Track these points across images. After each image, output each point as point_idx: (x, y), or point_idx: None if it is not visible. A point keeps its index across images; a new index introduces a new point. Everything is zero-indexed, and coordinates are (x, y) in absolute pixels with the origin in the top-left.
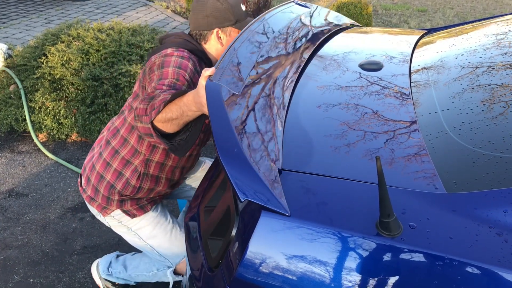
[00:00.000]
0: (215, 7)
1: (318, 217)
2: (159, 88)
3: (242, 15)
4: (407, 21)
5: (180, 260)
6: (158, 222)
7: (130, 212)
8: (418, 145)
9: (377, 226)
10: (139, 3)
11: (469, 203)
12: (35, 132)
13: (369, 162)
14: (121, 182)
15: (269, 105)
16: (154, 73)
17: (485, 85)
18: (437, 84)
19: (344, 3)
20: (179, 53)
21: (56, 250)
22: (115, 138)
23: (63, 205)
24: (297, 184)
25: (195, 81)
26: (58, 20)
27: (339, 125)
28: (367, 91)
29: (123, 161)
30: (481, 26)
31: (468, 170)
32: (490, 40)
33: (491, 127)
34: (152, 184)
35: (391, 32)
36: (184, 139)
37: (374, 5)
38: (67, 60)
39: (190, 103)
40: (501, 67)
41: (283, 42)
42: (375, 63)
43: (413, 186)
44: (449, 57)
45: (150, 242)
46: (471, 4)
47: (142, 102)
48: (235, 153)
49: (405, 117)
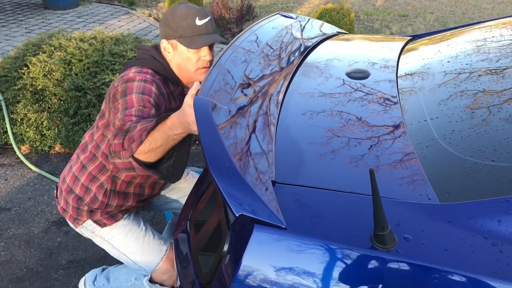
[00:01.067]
0: (165, 16)
1: (312, 230)
2: (128, 119)
3: (191, 30)
4: (389, 26)
5: (154, 267)
6: (130, 230)
7: (100, 221)
8: (409, 154)
9: (371, 239)
10: (121, 12)
11: (463, 213)
12: (17, 144)
13: (362, 173)
14: (89, 196)
15: (259, 117)
16: (118, 101)
17: (473, 92)
18: (425, 92)
19: (326, 10)
20: (142, 76)
21: (41, 265)
22: (84, 153)
23: (48, 219)
24: (290, 197)
25: (161, 105)
26: (39, 29)
27: (330, 136)
28: (355, 100)
29: (89, 177)
30: (464, 32)
31: (460, 180)
32: (474, 46)
33: (481, 135)
34: (120, 201)
35: (376, 39)
36: (171, 165)
37: (356, 11)
38: (49, 70)
39: (175, 125)
40: (486, 73)
41: (270, 55)
42: (362, 72)
43: (406, 197)
44: (435, 64)
45: (123, 251)
46: (450, 9)
47: (117, 137)
48: (227, 168)
49: (395, 126)
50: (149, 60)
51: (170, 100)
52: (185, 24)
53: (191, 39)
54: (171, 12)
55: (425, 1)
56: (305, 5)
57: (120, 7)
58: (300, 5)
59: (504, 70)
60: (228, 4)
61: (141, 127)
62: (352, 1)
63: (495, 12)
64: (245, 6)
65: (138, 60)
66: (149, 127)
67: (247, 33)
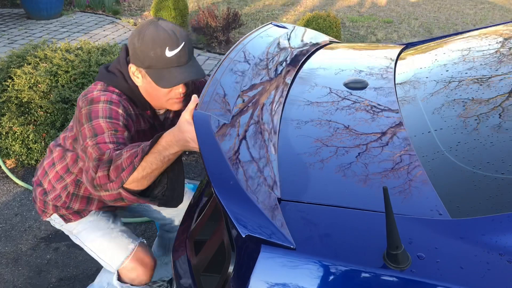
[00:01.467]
0: (132, 39)
1: (322, 250)
2: (105, 147)
3: (159, 63)
4: (374, 32)
5: (120, 264)
6: (96, 226)
7: (66, 216)
8: (415, 168)
9: (384, 259)
10: (106, 21)
11: (476, 229)
12: (3, 158)
13: (368, 188)
14: (53, 194)
15: (260, 131)
16: (84, 126)
17: (476, 101)
18: (426, 102)
19: (313, 17)
20: (107, 97)
21: (30, 284)
22: (56, 150)
23: (36, 235)
24: (296, 214)
25: (130, 126)
26: (22, 40)
27: (333, 149)
28: (357, 112)
29: (57, 176)
30: (458, 40)
31: (470, 193)
32: (472, 55)
33: (487, 147)
34: (82, 205)
35: (369, 48)
36: (166, 188)
37: (341, 18)
38: (35, 82)
39: (171, 144)
40: (487, 81)
41: (267, 66)
42: (360, 82)
43: (416, 212)
44: (432, 73)
45: (89, 246)
46: (434, 15)
47: (100, 169)
48: (232, 186)
49: (399, 139)
50: (119, 79)
51: (139, 121)
52: (152, 54)
53: (160, 73)
54: (138, 35)
55: (409, 8)
56: (291, 13)
57: (105, 16)
58: (285, 13)
59: (504, 78)
60: (214, 13)
61: (128, 154)
62: (336, 8)
63: (478, 18)
64: (231, 14)
65: (108, 75)
66: (139, 152)
67: (242, 44)
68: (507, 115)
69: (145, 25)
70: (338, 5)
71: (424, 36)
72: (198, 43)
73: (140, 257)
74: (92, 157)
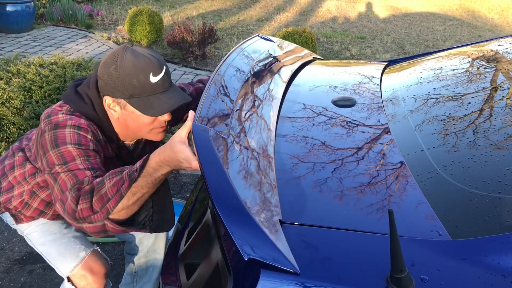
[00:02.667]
0: (107, 69)
1: (325, 274)
2: (81, 175)
3: (144, 90)
4: (348, 48)
5: (69, 272)
6: (47, 230)
7: (18, 216)
8: (411, 187)
9: (388, 282)
10: (79, 35)
11: (478, 250)
12: None
13: (367, 210)
14: (6, 196)
15: (258, 149)
16: (50, 153)
17: (467, 118)
18: (415, 119)
19: (289, 33)
20: (74, 122)
21: None
22: (18, 155)
23: (9, 257)
24: (298, 237)
25: (100, 152)
26: None
27: (330, 168)
28: (350, 132)
29: (15, 180)
30: (440, 57)
31: (468, 213)
32: (457, 72)
33: (482, 166)
34: (34, 214)
35: (353, 64)
36: (155, 211)
37: (315, 33)
38: (7, 98)
39: (162, 165)
40: (474, 98)
41: (256, 82)
42: (348, 99)
43: (415, 234)
44: (417, 90)
45: (40, 249)
46: (405, 31)
47: (82, 200)
48: (234, 206)
49: (393, 158)
50: (87, 108)
51: (107, 147)
52: (136, 82)
53: (146, 101)
54: (115, 63)
55: (380, 24)
56: (265, 28)
57: (78, 30)
58: (260, 28)
59: (493, 93)
60: (189, 27)
61: (113, 181)
62: (310, 24)
63: (447, 34)
64: (207, 29)
65: (77, 99)
66: (126, 179)
67: (230, 58)
68: (499, 133)
69: (119, 53)
70: (312, 21)
71: (397, 51)
72: (174, 58)
73: (90, 266)
74: (68, 186)
